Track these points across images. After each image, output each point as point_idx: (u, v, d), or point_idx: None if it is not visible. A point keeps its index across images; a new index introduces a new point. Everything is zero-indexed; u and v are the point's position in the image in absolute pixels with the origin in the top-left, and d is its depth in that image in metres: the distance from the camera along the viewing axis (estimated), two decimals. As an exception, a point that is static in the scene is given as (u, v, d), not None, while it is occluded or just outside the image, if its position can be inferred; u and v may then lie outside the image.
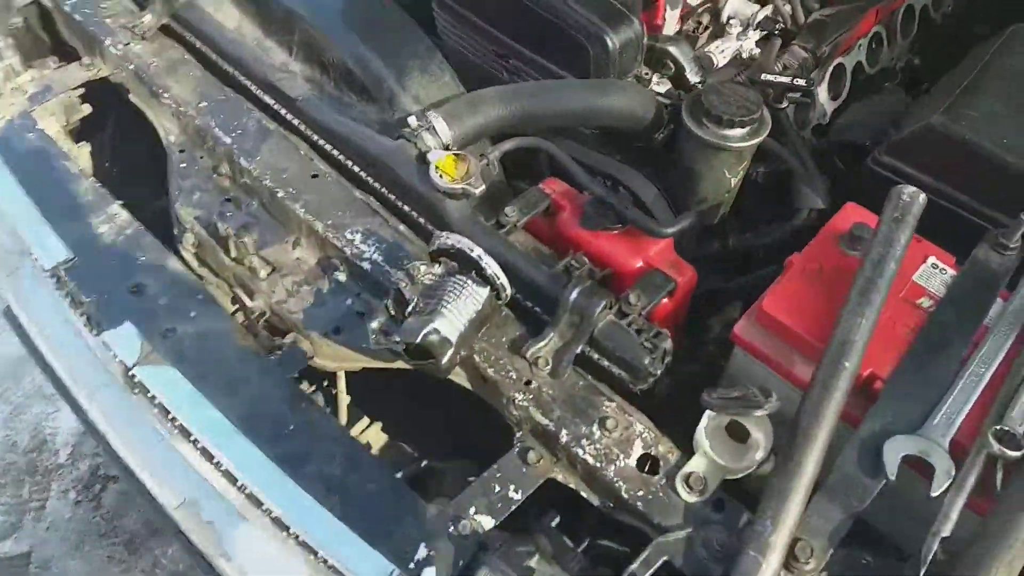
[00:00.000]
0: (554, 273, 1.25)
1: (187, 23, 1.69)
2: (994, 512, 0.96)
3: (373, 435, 1.60)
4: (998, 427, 1.00)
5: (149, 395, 1.22)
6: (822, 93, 1.73)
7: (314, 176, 1.44)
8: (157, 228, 1.45)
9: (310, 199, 1.41)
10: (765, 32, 1.75)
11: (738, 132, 1.42)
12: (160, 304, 1.32)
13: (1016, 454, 0.98)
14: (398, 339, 1.14)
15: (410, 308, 1.14)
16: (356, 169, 1.45)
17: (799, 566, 0.98)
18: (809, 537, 0.99)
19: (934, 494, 0.99)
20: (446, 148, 1.40)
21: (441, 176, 1.31)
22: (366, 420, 1.60)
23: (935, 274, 1.18)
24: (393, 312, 1.17)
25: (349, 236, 1.35)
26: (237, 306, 1.34)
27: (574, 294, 1.18)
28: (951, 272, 1.17)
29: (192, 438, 1.18)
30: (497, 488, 1.12)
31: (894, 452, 1.02)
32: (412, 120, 1.39)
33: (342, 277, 1.36)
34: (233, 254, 1.38)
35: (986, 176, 1.22)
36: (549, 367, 1.18)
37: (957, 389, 1.06)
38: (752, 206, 1.61)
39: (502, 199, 1.42)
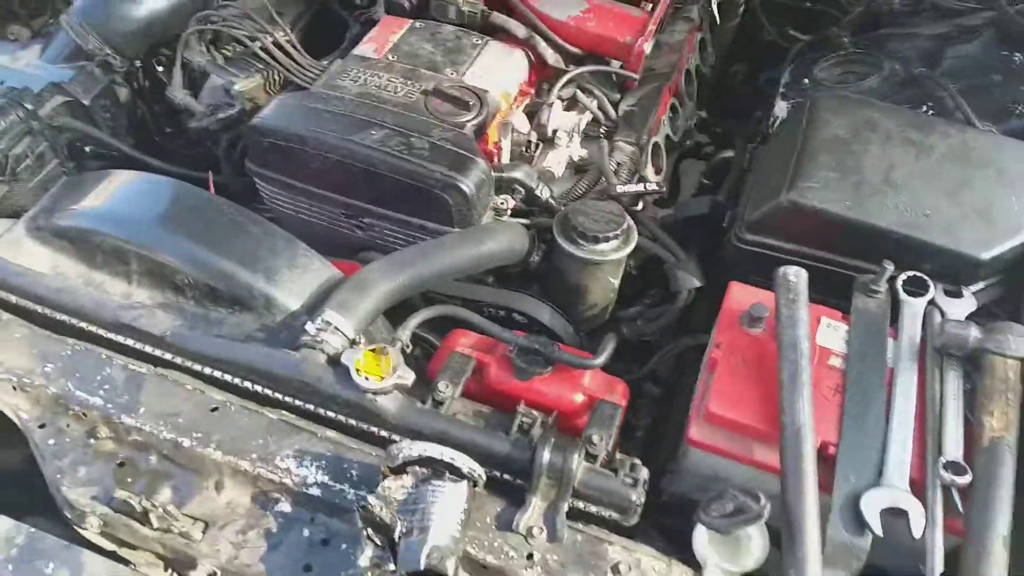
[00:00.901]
0: (514, 438, 1.25)
1: (-10, 277, 1.49)
2: (968, 532, 1.11)
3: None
4: (943, 459, 1.16)
5: None
6: (650, 173, 1.89)
7: (213, 410, 1.33)
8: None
9: (221, 437, 1.29)
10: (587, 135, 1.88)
11: (612, 244, 1.52)
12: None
13: (967, 479, 1.14)
14: (397, 571, 1.08)
15: (397, 532, 1.09)
16: (258, 389, 1.36)
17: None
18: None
19: (917, 536, 1.13)
20: (352, 343, 1.36)
21: (366, 378, 1.26)
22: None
23: (831, 332, 1.33)
24: (378, 541, 1.11)
25: (283, 464, 1.26)
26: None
27: (546, 455, 1.20)
28: (843, 327, 1.33)
29: None
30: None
31: (872, 508, 1.15)
32: (310, 327, 1.33)
33: (286, 508, 1.27)
34: (156, 524, 1.23)
35: (839, 235, 1.41)
36: (544, 533, 1.18)
37: (894, 433, 1.21)
38: (630, 292, 1.72)
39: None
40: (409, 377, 1.27)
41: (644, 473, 1.23)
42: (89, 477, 1.30)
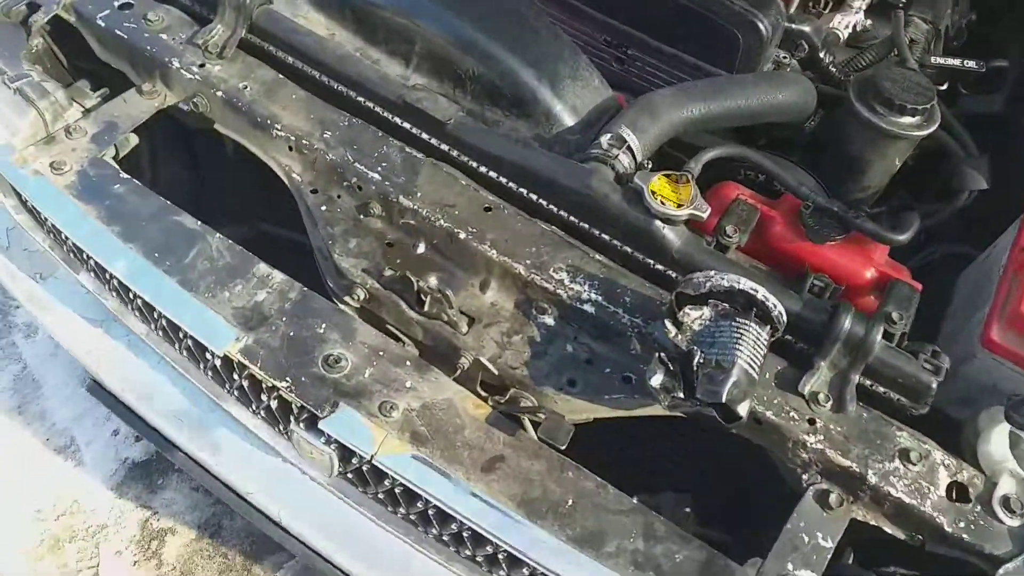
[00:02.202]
0: (808, 299, 1.18)
1: (270, 35, 1.45)
2: None
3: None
4: None
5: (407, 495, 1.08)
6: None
7: (487, 209, 1.29)
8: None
9: (495, 237, 1.26)
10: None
11: (915, 120, 1.38)
12: (366, 377, 1.16)
13: None
14: (691, 400, 1.05)
15: (695, 361, 1.05)
16: (533, 197, 1.31)
17: None
18: None
19: None
20: (639, 166, 1.29)
21: (662, 202, 1.20)
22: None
23: None
24: (672, 367, 1.08)
25: (556, 276, 1.23)
26: (458, 370, 1.20)
27: (847, 322, 1.13)
28: None
29: (474, 537, 1.06)
30: (806, 538, 1.07)
31: None
32: (603, 140, 1.26)
33: (550, 320, 1.24)
34: (428, 308, 1.23)
35: None
36: (831, 402, 1.13)
37: None
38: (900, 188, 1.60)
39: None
40: (705, 210, 1.20)
41: (946, 361, 1.15)
42: (360, 250, 1.29)
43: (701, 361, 1.05)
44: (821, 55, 1.56)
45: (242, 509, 1.49)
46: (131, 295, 1.35)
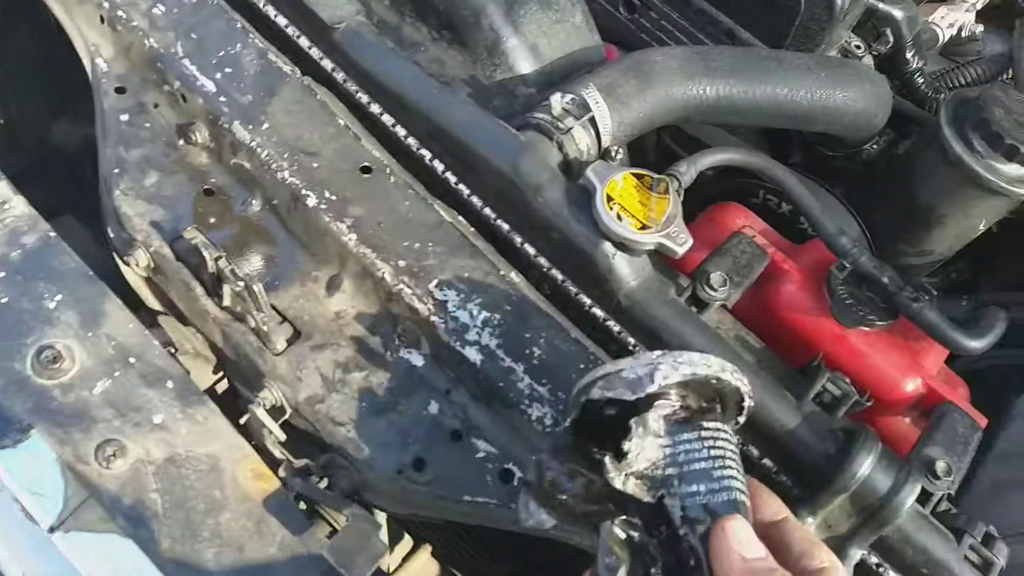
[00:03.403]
0: (810, 412, 0.74)
1: None
2: None
3: (422, 563, 1.06)
4: None
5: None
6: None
7: (364, 170, 0.85)
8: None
9: (364, 214, 0.82)
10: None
11: (1024, 170, 0.94)
12: (94, 394, 0.73)
13: None
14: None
15: (677, 515, 0.58)
16: (438, 167, 0.86)
17: None
18: None
19: None
20: (603, 153, 0.84)
21: (619, 217, 0.75)
22: (408, 541, 1.07)
23: None
24: (636, 536, 0.61)
25: (439, 294, 0.79)
26: (247, 412, 0.76)
27: (865, 465, 0.69)
28: None
29: None
30: None
31: None
32: (555, 100, 0.81)
33: (416, 359, 0.80)
34: (227, 302, 0.79)
35: None
36: None
37: None
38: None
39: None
40: (683, 242, 0.75)
41: (1003, 555, 0.71)
42: (159, 192, 0.85)
43: (683, 515, 0.59)
44: (909, 55, 1.11)
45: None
46: None
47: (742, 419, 0.65)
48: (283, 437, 0.74)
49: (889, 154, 1.08)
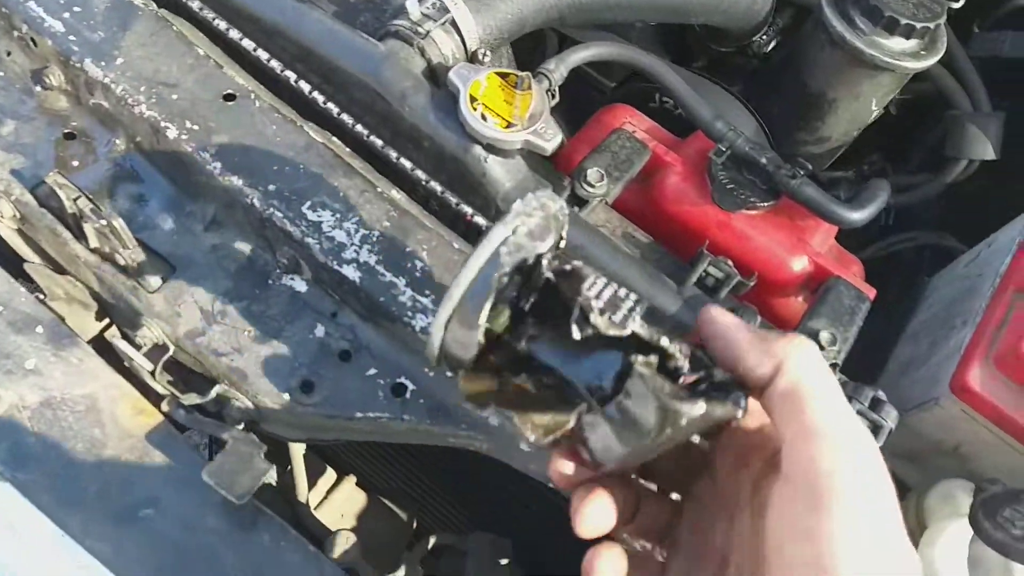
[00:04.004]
0: (691, 295, 0.74)
1: None
2: None
3: (347, 494, 1.06)
4: None
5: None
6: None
7: (228, 98, 0.82)
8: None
9: (229, 141, 0.79)
10: None
11: (911, 44, 0.93)
12: (-40, 348, 0.71)
13: None
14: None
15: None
16: (304, 88, 0.83)
17: None
18: None
19: None
20: (471, 57, 0.82)
21: (483, 117, 0.74)
22: (331, 474, 1.06)
23: None
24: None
25: (313, 215, 0.77)
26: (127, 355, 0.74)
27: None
28: None
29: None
30: None
31: None
32: (412, 6, 0.79)
33: (298, 285, 0.79)
34: (93, 243, 0.77)
35: None
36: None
37: None
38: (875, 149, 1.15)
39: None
40: (553, 139, 0.74)
41: (892, 419, 0.72)
42: (17, 140, 0.82)
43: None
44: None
45: None
46: None
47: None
48: (150, 367, 0.73)
49: (780, 46, 1.07)
